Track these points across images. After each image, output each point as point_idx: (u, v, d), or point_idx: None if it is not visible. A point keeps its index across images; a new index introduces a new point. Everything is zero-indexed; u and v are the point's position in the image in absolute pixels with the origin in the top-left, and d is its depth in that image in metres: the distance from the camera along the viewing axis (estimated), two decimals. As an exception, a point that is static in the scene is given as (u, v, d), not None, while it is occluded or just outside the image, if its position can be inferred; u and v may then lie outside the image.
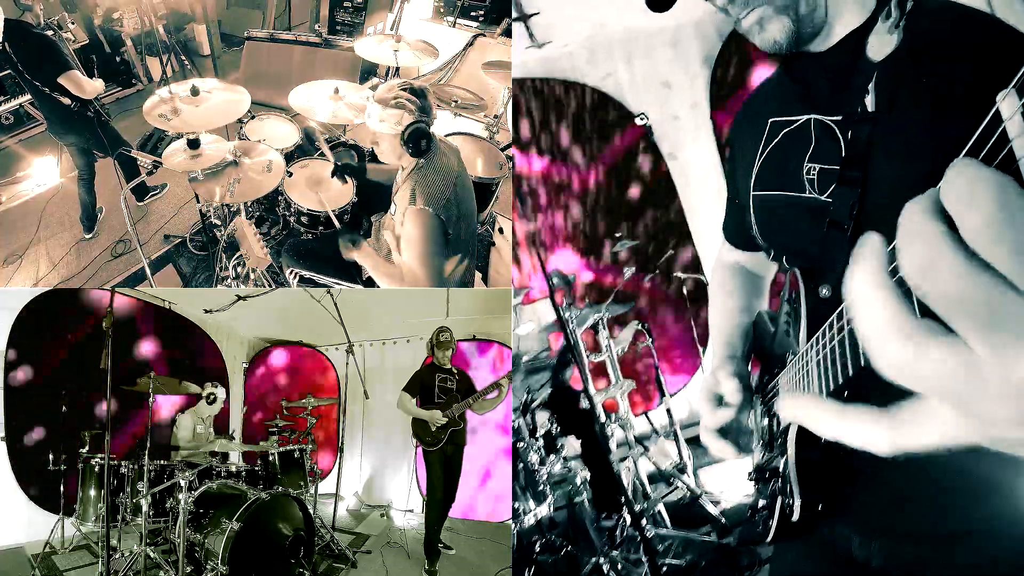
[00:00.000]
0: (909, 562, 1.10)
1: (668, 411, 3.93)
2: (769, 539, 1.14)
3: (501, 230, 3.36)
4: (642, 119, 4.50)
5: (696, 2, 1.07)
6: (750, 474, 1.27)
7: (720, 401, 1.19)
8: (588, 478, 3.22)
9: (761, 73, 4.48)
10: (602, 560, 3.05)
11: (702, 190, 4.72)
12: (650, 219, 4.85)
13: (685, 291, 4.59)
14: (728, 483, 3.95)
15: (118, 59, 5.12)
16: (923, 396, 0.41)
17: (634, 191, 4.83)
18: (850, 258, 0.41)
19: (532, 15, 3.77)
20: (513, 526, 3.12)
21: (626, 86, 4.55)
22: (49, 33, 3.58)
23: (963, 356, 0.35)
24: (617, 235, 3.91)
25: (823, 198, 1.04)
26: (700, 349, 4.67)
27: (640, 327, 3.98)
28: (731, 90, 4.58)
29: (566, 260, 4.89)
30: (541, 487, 3.21)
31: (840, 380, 0.69)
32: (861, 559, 1.15)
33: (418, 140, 2.36)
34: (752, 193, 1.23)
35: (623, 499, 2.84)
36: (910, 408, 0.43)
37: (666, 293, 4.86)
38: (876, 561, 1.13)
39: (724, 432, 1.17)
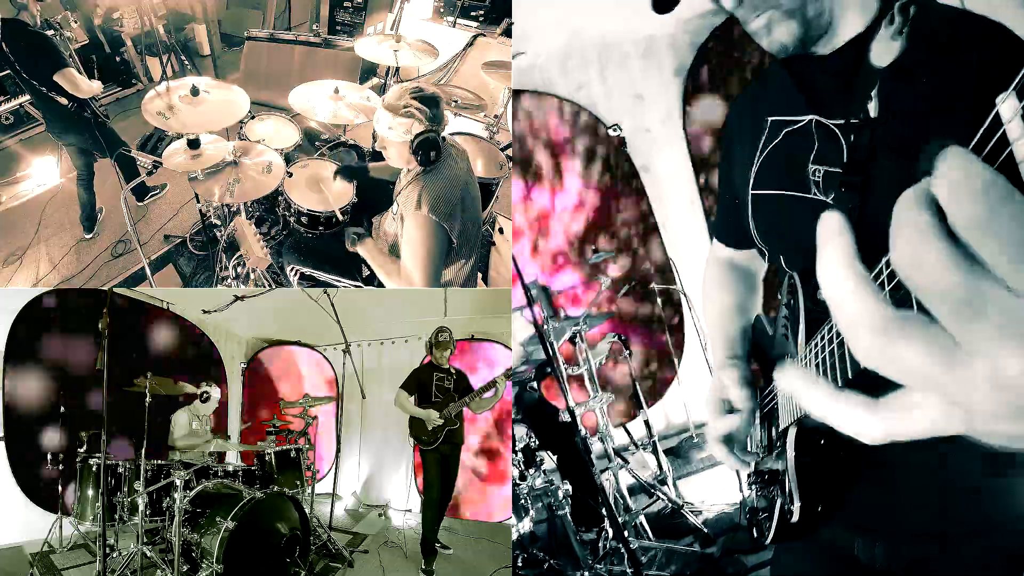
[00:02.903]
0: (910, 563, 1.11)
1: (646, 422, 3.93)
2: (768, 541, 1.14)
3: (501, 230, 3.36)
4: (615, 130, 4.50)
5: (669, 13, 1.07)
6: (749, 476, 1.27)
7: (728, 407, 1.18)
8: (570, 491, 3.22)
9: (736, 84, 4.49)
10: (586, 573, 3.05)
11: (675, 201, 4.74)
12: (625, 231, 4.86)
13: (660, 302, 4.60)
14: (709, 493, 3.95)
15: (118, 59, 5.12)
16: (904, 389, 0.41)
17: (609, 203, 4.84)
18: (816, 238, 0.40)
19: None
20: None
21: (599, 97, 4.55)
22: (50, 33, 3.58)
23: (947, 348, 0.35)
24: (593, 248, 3.91)
25: (826, 200, 1.04)
26: (676, 360, 4.68)
27: (617, 339, 3.98)
28: (703, 102, 4.59)
29: (541, 271, 4.89)
30: (522, 501, 3.20)
31: (840, 384, 0.68)
32: (863, 560, 1.15)
33: (428, 150, 2.32)
34: (750, 192, 1.23)
35: (605, 511, 2.83)
36: (898, 397, 0.43)
37: (642, 304, 4.87)
38: (877, 563, 1.13)
39: (730, 439, 1.17)
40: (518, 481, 3.23)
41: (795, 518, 1.02)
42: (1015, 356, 0.33)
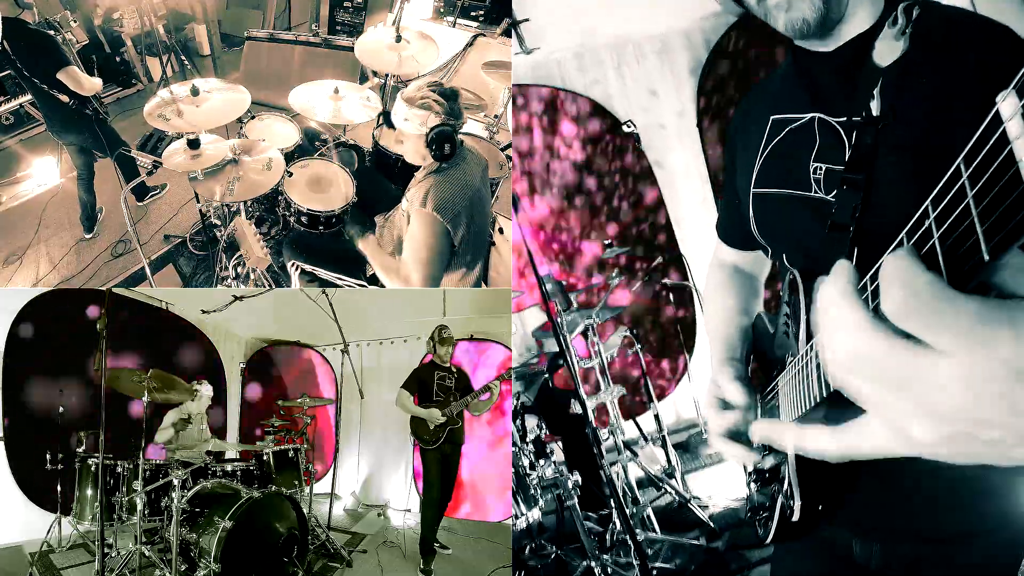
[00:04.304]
0: (908, 563, 1.10)
1: (656, 416, 3.94)
2: (769, 539, 1.14)
3: (501, 230, 3.36)
4: (629, 126, 4.51)
5: (685, 10, 1.06)
6: (750, 475, 1.27)
7: (725, 404, 1.18)
8: (579, 482, 3.23)
9: (749, 83, 4.50)
10: (593, 564, 3.06)
11: (688, 198, 4.76)
12: (638, 226, 4.86)
13: (672, 298, 4.61)
14: (716, 488, 3.97)
15: (118, 59, 5.11)
16: (862, 416, 0.52)
17: (622, 198, 4.84)
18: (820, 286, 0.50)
19: (522, 21, 3.77)
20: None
21: (614, 93, 4.58)
22: (51, 32, 3.57)
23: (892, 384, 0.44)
24: (606, 242, 3.92)
25: (827, 197, 1.04)
26: (687, 355, 4.69)
27: (628, 333, 3.99)
28: (717, 99, 4.60)
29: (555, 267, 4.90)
30: (532, 491, 3.21)
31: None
32: (861, 560, 1.15)
33: (442, 144, 2.32)
34: (752, 191, 1.22)
35: (613, 503, 2.84)
36: (850, 424, 0.55)
37: (654, 299, 4.87)
38: (875, 562, 1.13)
39: (733, 435, 1.16)
40: (528, 471, 3.24)
41: (796, 517, 1.02)
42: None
